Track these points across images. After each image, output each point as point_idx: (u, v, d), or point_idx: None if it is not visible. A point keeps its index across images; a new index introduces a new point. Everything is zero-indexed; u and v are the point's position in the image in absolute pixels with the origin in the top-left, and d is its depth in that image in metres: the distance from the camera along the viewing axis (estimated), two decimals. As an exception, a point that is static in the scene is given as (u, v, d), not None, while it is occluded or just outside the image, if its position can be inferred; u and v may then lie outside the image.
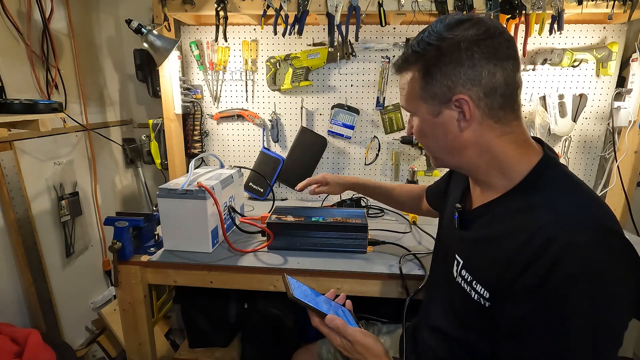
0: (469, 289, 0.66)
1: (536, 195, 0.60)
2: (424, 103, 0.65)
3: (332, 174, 1.37)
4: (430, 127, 0.66)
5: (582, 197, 0.59)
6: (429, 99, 0.64)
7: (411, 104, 0.67)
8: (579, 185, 0.61)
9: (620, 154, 1.46)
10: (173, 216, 1.13)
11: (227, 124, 1.74)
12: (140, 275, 1.14)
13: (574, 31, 1.49)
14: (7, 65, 1.22)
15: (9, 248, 1.26)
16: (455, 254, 0.72)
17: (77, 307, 1.57)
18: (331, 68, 1.63)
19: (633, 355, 1.74)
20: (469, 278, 0.66)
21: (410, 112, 0.69)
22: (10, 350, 1.06)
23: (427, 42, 0.61)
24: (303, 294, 0.73)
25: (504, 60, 0.59)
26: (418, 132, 0.69)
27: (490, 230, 0.65)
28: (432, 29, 0.62)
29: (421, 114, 0.66)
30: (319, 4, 1.34)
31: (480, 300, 0.63)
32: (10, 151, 1.23)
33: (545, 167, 0.62)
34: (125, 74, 1.78)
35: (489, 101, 0.60)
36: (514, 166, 0.63)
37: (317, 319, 0.70)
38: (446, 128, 0.64)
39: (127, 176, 1.88)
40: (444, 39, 0.60)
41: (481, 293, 0.63)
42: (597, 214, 0.56)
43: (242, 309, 1.55)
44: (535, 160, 0.63)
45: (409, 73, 0.65)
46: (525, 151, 0.64)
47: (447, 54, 0.60)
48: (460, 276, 0.69)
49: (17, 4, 1.25)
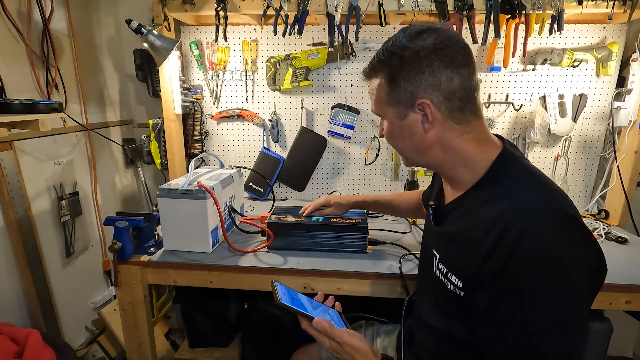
0: (445, 280, 0.70)
1: (496, 187, 0.65)
2: (391, 107, 0.70)
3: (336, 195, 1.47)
4: (398, 129, 0.72)
5: (536, 185, 0.63)
6: (395, 103, 0.69)
7: (379, 108, 0.73)
8: (535, 175, 0.65)
9: (620, 154, 1.46)
10: (173, 216, 1.13)
11: (227, 124, 1.74)
12: (140, 275, 1.14)
13: (574, 31, 1.49)
14: (7, 65, 1.22)
15: (9, 248, 1.26)
16: (433, 250, 0.77)
17: (77, 307, 1.57)
18: (331, 68, 1.63)
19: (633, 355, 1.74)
20: (445, 270, 0.71)
21: (379, 115, 0.75)
22: (10, 350, 1.06)
23: (391, 52, 0.67)
24: (290, 299, 0.75)
25: (460, 67, 0.64)
26: (387, 134, 0.74)
27: (459, 224, 0.70)
28: (395, 39, 0.67)
29: (389, 117, 0.72)
30: (319, 4, 1.34)
31: (456, 290, 0.67)
32: (10, 151, 1.23)
33: (504, 160, 0.68)
34: (125, 74, 1.78)
35: (448, 104, 0.65)
36: (476, 162, 0.68)
37: (306, 322, 0.72)
38: (412, 130, 0.70)
39: (127, 176, 1.88)
40: (405, 48, 0.65)
41: (455, 283, 0.67)
42: (549, 199, 0.60)
43: (242, 309, 1.55)
44: (495, 155, 0.68)
45: (377, 80, 0.71)
46: (485, 147, 0.69)
47: (408, 63, 0.65)
48: (438, 270, 0.74)
49: (17, 4, 1.25)
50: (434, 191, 0.90)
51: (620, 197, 1.46)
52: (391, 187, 1.75)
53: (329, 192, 1.77)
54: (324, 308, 0.79)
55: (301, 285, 1.10)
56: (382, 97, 0.71)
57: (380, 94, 0.71)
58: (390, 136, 0.74)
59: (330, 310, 0.80)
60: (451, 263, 0.70)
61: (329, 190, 1.78)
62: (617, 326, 1.22)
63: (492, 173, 0.67)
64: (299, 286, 1.10)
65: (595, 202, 1.60)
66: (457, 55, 0.64)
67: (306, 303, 0.77)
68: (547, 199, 0.60)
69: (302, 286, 1.10)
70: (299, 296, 0.79)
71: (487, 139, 0.70)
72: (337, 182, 1.78)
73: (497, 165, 0.67)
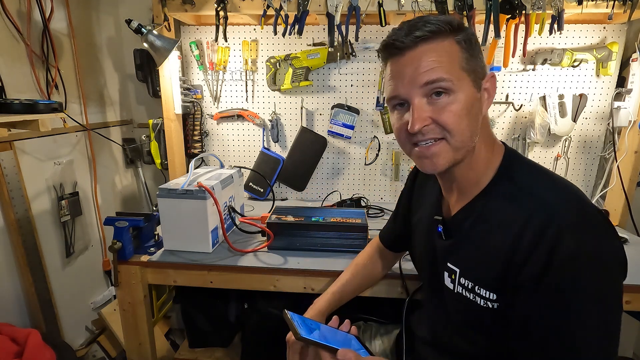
0: (472, 296, 0.64)
1: (511, 187, 0.62)
2: (467, 75, 0.60)
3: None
4: (476, 104, 0.61)
5: (552, 182, 0.61)
6: (472, 71, 0.61)
7: (455, 75, 0.59)
8: (546, 172, 0.64)
9: (620, 154, 1.46)
10: (173, 216, 1.13)
11: (227, 124, 1.74)
12: (140, 275, 1.14)
13: (574, 31, 1.49)
14: (7, 65, 1.22)
15: (9, 248, 1.26)
16: (447, 264, 0.70)
17: (77, 307, 1.57)
18: (331, 68, 1.63)
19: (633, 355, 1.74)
20: (470, 285, 0.64)
21: (448, 86, 0.58)
22: (10, 350, 1.06)
23: (458, 24, 0.60)
24: (308, 329, 0.69)
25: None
26: (463, 109, 0.59)
27: (478, 231, 0.64)
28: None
29: (465, 86, 0.60)
30: (319, 4, 1.34)
31: (488, 304, 0.61)
32: (10, 151, 1.23)
33: (512, 159, 0.65)
34: (125, 74, 1.78)
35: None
36: (490, 160, 0.65)
37: (328, 354, 0.64)
38: (479, 108, 0.62)
39: (127, 176, 1.88)
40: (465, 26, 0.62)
41: (487, 297, 0.61)
42: (574, 195, 0.58)
43: (242, 309, 1.55)
44: (501, 155, 0.66)
45: (444, 42, 0.59)
46: (494, 145, 0.67)
47: (474, 37, 0.62)
48: (460, 285, 0.67)
49: (17, 4, 1.25)
50: (419, 211, 0.84)
51: (620, 197, 1.46)
52: (391, 187, 1.75)
53: (329, 192, 1.77)
54: (343, 335, 0.75)
55: (301, 285, 1.10)
56: (457, 62, 0.59)
57: (455, 58, 0.59)
58: (466, 112, 0.59)
59: (348, 335, 0.76)
60: (478, 275, 0.63)
61: (329, 190, 1.78)
62: (617, 326, 1.22)
63: (504, 173, 0.64)
64: (299, 286, 1.10)
65: (595, 202, 1.60)
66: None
67: (325, 332, 0.72)
68: (572, 195, 0.58)
69: (302, 286, 1.10)
70: (315, 324, 0.74)
71: (494, 137, 0.68)
72: (337, 182, 1.78)
73: (506, 165, 0.64)
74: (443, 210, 0.74)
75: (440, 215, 0.74)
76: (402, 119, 0.63)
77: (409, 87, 0.60)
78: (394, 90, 0.62)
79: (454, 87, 0.59)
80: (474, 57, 0.61)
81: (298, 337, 0.66)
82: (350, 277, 0.97)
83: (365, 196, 1.71)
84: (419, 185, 0.88)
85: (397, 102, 0.64)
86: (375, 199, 1.77)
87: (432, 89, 0.59)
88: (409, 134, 0.62)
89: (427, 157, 0.63)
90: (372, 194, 1.77)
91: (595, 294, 0.52)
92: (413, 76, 0.59)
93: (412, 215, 0.88)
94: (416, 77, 0.59)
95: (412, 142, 0.63)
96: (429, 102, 0.60)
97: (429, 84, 0.59)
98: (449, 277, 0.70)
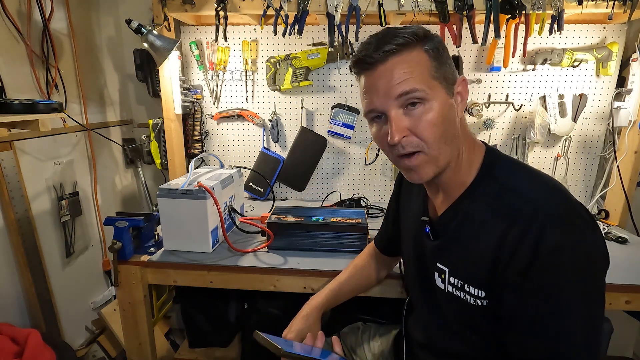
0: (462, 294, 0.65)
1: (495, 185, 0.63)
2: (438, 83, 0.62)
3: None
4: (449, 110, 0.62)
5: (534, 179, 0.63)
6: (442, 79, 0.62)
7: (427, 84, 0.60)
8: (527, 168, 0.66)
9: (620, 154, 1.46)
10: (173, 216, 1.13)
11: (227, 124, 1.74)
12: (140, 275, 1.14)
13: (574, 31, 1.49)
14: (7, 65, 1.22)
15: (9, 248, 1.26)
16: (436, 264, 0.71)
17: (77, 307, 1.57)
18: (331, 68, 1.63)
19: (633, 355, 1.74)
20: (459, 283, 0.66)
21: (421, 96, 0.60)
22: (10, 350, 1.06)
23: (425, 32, 0.62)
24: (287, 345, 0.67)
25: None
26: (439, 117, 0.60)
27: (465, 230, 0.65)
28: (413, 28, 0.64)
29: (439, 95, 0.61)
30: (319, 4, 1.34)
31: (478, 302, 0.63)
32: (10, 151, 1.23)
33: (493, 157, 0.67)
34: (125, 74, 1.78)
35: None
36: (472, 160, 0.67)
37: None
38: (453, 113, 0.63)
39: (127, 176, 1.88)
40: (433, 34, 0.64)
41: (476, 295, 0.63)
42: (557, 191, 0.60)
43: (242, 309, 1.55)
44: (482, 153, 0.67)
45: (412, 52, 0.61)
46: (475, 145, 0.68)
47: (442, 44, 0.64)
48: (450, 284, 0.68)
49: (17, 4, 1.25)
50: (405, 213, 0.86)
51: (620, 197, 1.46)
52: (391, 187, 1.74)
53: (329, 192, 1.77)
54: (320, 350, 0.72)
55: (301, 285, 1.10)
56: (427, 72, 0.60)
57: (425, 69, 0.60)
58: (441, 120, 0.61)
59: (326, 351, 0.73)
60: (466, 273, 0.65)
61: (329, 190, 1.78)
62: (617, 326, 1.22)
63: (486, 171, 0.65)
64: (299, 286, 1.10)
65: (595, 202, 1.60)
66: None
67: (304, 347, 0.70)
68: (555, 190, 0.59)
69: (302, 286, 1.10)
70: (289, 342, 0.71)
71: (473, 137, 0.69)
72: (337, 182, 1.78)
73: (487, 164, 0.66)
74: (430, 211, 0.76)
75: (427, 216, 0.75)
76: (382, 130, 0.65)
77: (384, 100, 0.61)
78: (370, 103, 0.64)
79: (427, 96, 0.60)
80: (443, 64, 0.63)
81: (282, 353, 0.63)
82: (348, 277, 0.98)
83: (365, 196, 1.71)
84: (405, 189, 0.90)
85: (374, 115, 0.65)
86: (375, 199, 1.77)
87: (406, 100, 0.60)
88: (390, 146, 0.63)
89: (412, 170, 0.65)
90: (372, 194, 1.77)
91: (578, 286, 0.54)
92: (387, 89, 0.61)
93: (400, 218, 0.90)
94: (390, 90, 0.60)
95: (395, 154, 0.65)
96: (405, 112, 0.61)
97: (403, 95, 0.60)
98: (439, 277, 0.71)
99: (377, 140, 0.67)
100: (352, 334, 1.06)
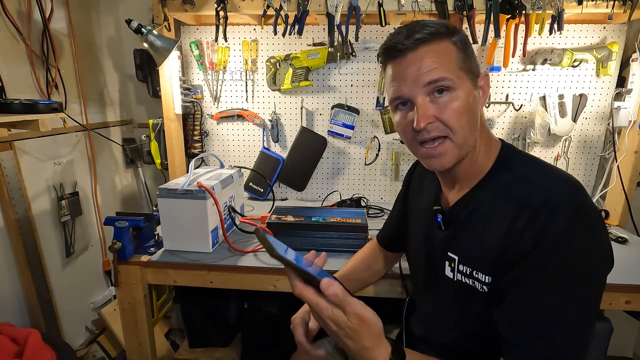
0: (471, 281, 0.66)
1: (509, 175, 0.65)
2: (465, 74, 0.64)
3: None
4: (473, 101, 0.65)
5: (548, 170, 0.64)
6: (468, 71, 0.64)
7: (454, 74, 0.62)
8: (542, 162, 0.67)
9: (620, 154, 1.46)
10: (173, 216, 1.13)
11: (227, 124, 1.74)
12: (140, 275, 1.14)
13: (574, 31, 1.49)
14: (7, 65, 1.22)
15: (9, 248, 1.26)
16: (447, 253, 0.72)
17: (77, 307, 1.57)
18: (331, 68, 1.63)
19: (633, 355, 1.74)
20: (468, 270, 0.67)
21: (449, 85, 0.62)
22: (10, 350, 1.06)
23: (453, 26, 0.65)
24: (284, 251, 0.60)
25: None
26: (464, 106, 0.63)
27: (477, 217, 0.67)
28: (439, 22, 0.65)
29: (465, 85, 0.63)
30: (319, 4, 1.34)
31: (484, 288, 0.64)
32: (10, 151, 1.23)
33: (509, 150, 0.69)
34: (125, 74, 1.78)
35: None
36: (489, 152, 0.69)
37: (301, 284, 0.57)
38: (477, 105, 0.66)
39: (127, 176, 1.88)
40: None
41: (483, 280, 0.64)
42: (569, 181, 0.61)
43: (242, 309, 1.55)
44: (498, 147, 0.70)
45: (441, 43, 0.63)
46: (492, 139, 0.70)
47: (467, 37, 0.67)
48: (459, 272, 0.69)
49: (17, 4, 1.25)
50: (416, 203, 0.87)
51: (620, 197, 1.46)
52: (391, 187, 1.75)
53: (329, 192, 1.77)
54: (322, 272, 0.62)
55: (301, 285, 1.10)
56: (455, 63, 0.63)
57: (453, 59, 0.63)
58: (465, 110, 0.63)
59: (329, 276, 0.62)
60: (475, 260, 0.66)
61: (329, 190, 1.78)
62: (617, 326, 1.22)
63: (501, 164, 0.67)
64: (299, 286, 1.10)
65: (595, 202, 1.60)
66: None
67: (302, 259, 0.64)
68: (569, 182, 0.60)
69: (302, 286, 1.10)
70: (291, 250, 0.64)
71: (490, 132, 0.71)
72: (337, 182, 1.78)
73: (503, 157, 0.68)
74: (442, 202, 0.77)
75: (438, 204, 0.77)
76: (406, 117, 0.66)
77: (412, 87, 0.63)
78: (397, 90, 0.65)
79: (454, 85, 0.62)
80: (469, 57, 0.65)
81: (274, 254, 0.56)
82: (350, 270, 0.98)
83: (365, 196, 1.71)
84: (414, 186, 0.91)
85: (400, 102, 0.66)
86: (375, 199, 1.77)
87: (434, 88, 0.62)
88: (415, 132, 0.65)
89: (434, 157, 0.66)
90: (372, 194, 1.77)
91: (579, 276, 0.55)
92: (416, 76, 0.62)
93: (408, 214, 0.90)
94: (419, 77, 0.62)
95: (418, 140, 0.66)
96: (431, 100, 0.63)
97: (432, 83, 0.62)
98: (449, 265, 0.71)
99: (401, 127, 0.68)
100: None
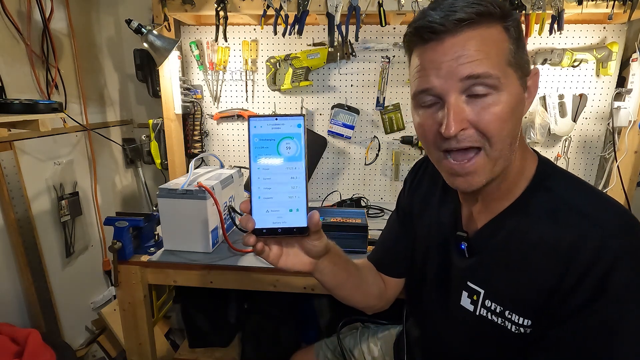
0: (501, 320, 0.57)
1: (550, 201, 0.54)
2: (513, 70, 0.51)
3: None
4: (519, 105, 0.52)
5: (595, 197, 0.54)
6: (518, 67, 0.51)
7: (501, 70, 0.49)
8: (585, 183, 0.57)
9: (620, 154, 1.46)
10: (173, 216, 1.13)
11: (227, 124, 1.74)
12: (140, 275, 1.14)
13: (574, 31, 1.49)
14: (7, 65, 1.22)
15: (9, 248, 1.26)
16: (466, 284, 0.62)
17: (77, 307, 1.57)
18: (331, 68, 1.63)
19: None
20: (498, 309, 0.57)
21: (494, 84, 0.49)
22: (10, 350, 1.06)
23: (507, 9, 0.51)
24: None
25: None
26: (508, 112, 0.50)
27: (512, 249, 0.56)
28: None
29: (514, 86, 0.51)
30: (319, 4, 1.34)
31: (520, 330, 0.55)
32: (10, 151, 1.23)
33: (547, 168, 0.58)
34: (125, 74, 1.78)
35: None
36: (524, 168, 0.58)
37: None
38: (522, 110, 0.53)
39: (127, 176, 1.88)
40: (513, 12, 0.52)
41: (519, 322, 0.55)
42: (625, 215, 0.52)
43: (242, 309, 1.55)
44: (534, 162, 0.58)
45: (493, 28, 0.50)
46: (527, 151, 0.59)
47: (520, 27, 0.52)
48: (484, 308, 0.59)
49: (17, 4, 1.25)
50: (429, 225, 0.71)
51: (620, 197, 1.46)
52: (391, 187, 1.75)
53: (329, 192, 1.77)
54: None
55: (301, 285, 1.10)
56: (503, 54, 0.50)
57: (501, 49, 0.50)
58: (510, 114, 0.50)
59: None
60: (512, 299, 0.56)
61: (329, 190, 1.78)
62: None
63: (539, 183, 0.56)
64: (299, 286, 1.10)
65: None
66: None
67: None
68: (625, 216, 0.51)
69: (303, 286, 1.10)
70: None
71: (526, 142, 0.59)
72: (337, 182, 1.78)
73: (541, 174, 0.57)
74: (463, 222, 0.65)
75: (461, 228, 0.64)
76: (432, 118, 0.54)
77: (446, 80, 0.50)
78: (426, 82, 0.52)
79: (499, 85, 0.49)
80: (521, 49, 0.52)
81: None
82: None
83: (365, 196, 1.71)
84: (419, 197, 0.77)
85: (427, 98, 0.54)
86: (375, 199, 1.77)
87: (473, 84, 0.49)
88: (442, 138, 0.52)
89: (460, 175, 0.54)
90: (372, 194, 1.77)
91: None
92: (452, 67, 0.49)
93: (414, 218, 0.77)
94: (456, 68, 0.49)
95: (444, 148, 0.54)
96: (467, 101, 0.51)
97: (471, 79, 0.49)
98: (468, 297, 0.61)
99: (423, 129, 0.56)
100: (350, 335, 1.06)
